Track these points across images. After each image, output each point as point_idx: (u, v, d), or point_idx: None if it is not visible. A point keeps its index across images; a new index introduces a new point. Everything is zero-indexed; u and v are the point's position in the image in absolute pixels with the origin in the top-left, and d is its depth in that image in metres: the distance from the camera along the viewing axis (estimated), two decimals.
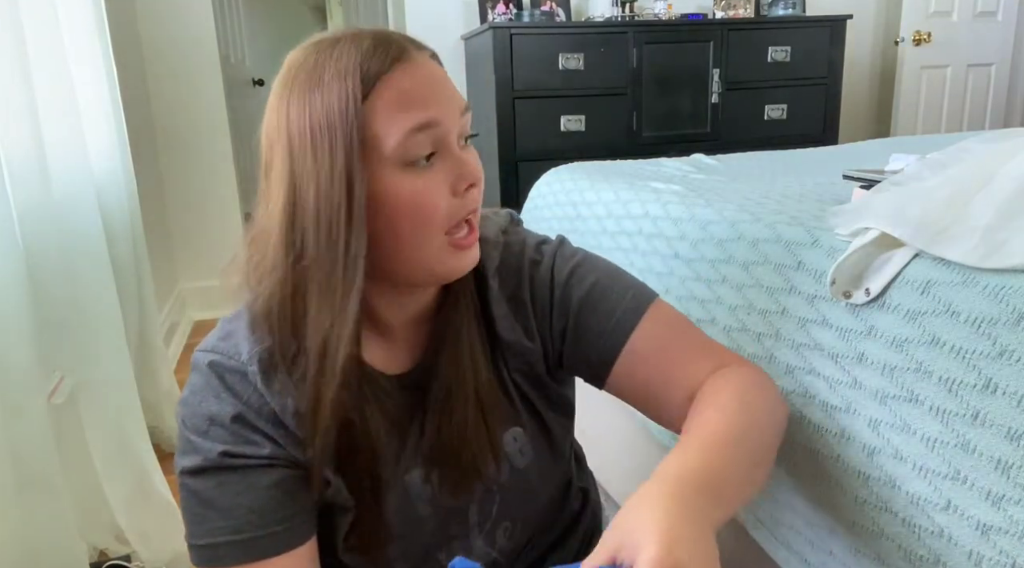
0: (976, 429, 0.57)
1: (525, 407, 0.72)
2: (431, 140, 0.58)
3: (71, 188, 1.40)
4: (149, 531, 1.38)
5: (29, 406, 1.03)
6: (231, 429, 0.61)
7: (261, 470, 0.61)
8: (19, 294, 1.02)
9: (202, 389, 0.62)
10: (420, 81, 0.58)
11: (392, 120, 0.56)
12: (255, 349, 0.62)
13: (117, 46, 2.00)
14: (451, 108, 0.59)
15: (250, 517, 0.60)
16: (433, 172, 0.59)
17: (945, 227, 0.62)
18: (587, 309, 0.70)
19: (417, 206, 0.58)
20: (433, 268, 0.62)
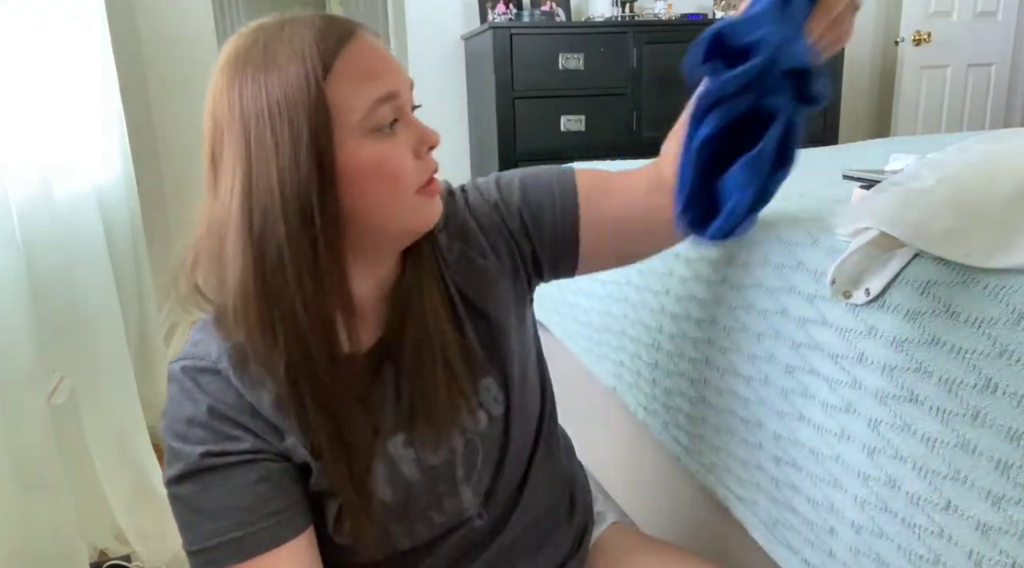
0: (976, 429, 0.57)
1: (488, 356, 0.74)
2: (392, 109, 0.60)
3: (71, 188, 1.40)
4: (149, 531, 1.38)
5: (29, 406, 1.03)
6: (209, 426, 0.61)
7: (244, 466, 0.61)
8: (19, 294, 1.02)
9: (178, 395, 0.63)
10: (376, 55, 0.60)
11: (357, 92, 0.58)
12: (224, 346, 0.62)
13: (117, 46, 2.00)
14: (404, 80, 0.63)
15: (239, 516, 0.60)
16: (396, 138, 0.61)
17: (945, 227, 0.62)
18: (529, 200, 0.75)
19: (386, 170, 0.60)
20: (408, 223, 0.64)
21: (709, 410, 0.93)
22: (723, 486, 0.92)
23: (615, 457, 1.28)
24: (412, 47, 3.10)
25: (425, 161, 0.63)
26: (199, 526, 0.61)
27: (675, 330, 0.99)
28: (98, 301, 1.43)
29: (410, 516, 0.70)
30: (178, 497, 0.62)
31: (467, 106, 3.14)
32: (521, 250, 0.76)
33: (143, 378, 1.76)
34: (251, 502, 0.61)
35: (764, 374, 0.81)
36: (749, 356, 0.84)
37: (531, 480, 0.78)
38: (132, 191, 1.89)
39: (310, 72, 0.56)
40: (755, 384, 0.83)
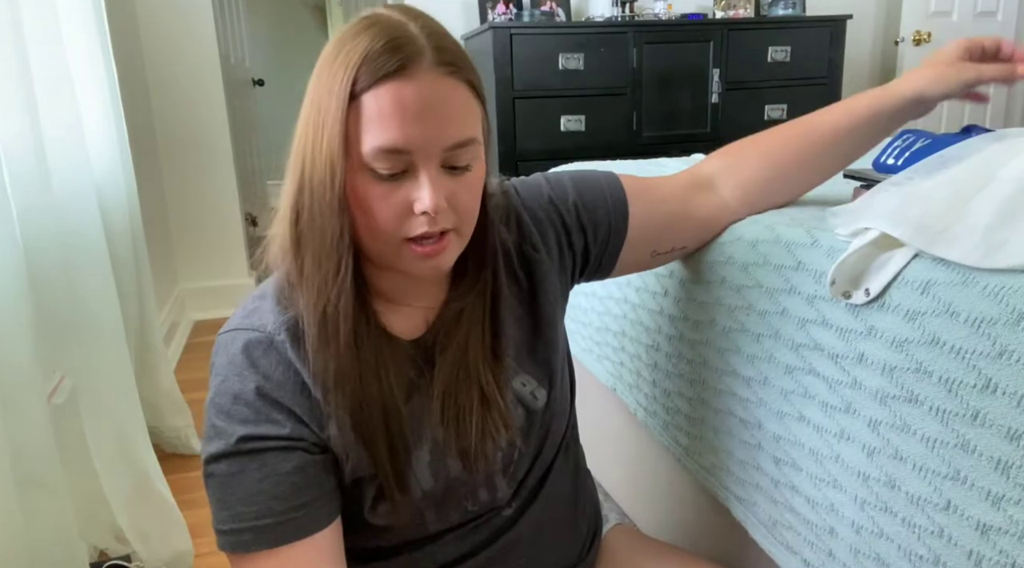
0: (976, 429, 0.57)
1: (534, 350, 0.75)
2: (400, 163, 0.59)
3: (71, 188, 1.40)
4: (149, 531, 1.38)
5: (29, 406, 1.03)
6: (254, 405, 0.62)
7: (281, 454, 0.62)
8: (19, 294, 1.02)
9: (225, 369, 0.63)
10: (407, 103, 0.57)
11: (366, 131, 0.58)
12: (281, 319, 0.64)
13: (117, 46, 2.00)
14: (434, 138, 0.59)
15: (271, 504, 0.61)
16: (394, 186, 0.59)
17: (945, 227, 0.62)
18: (584, 195, 0.78)
19: (366, 210, 0.60)
20: (396, 265, 0.63)
21: (708, 411, 0.93)
22: (723, 487, 0.92)
23: (616, 458, 1.28)
24: None
25: (416, 218, 0.60)
26: (231, 508, 0.62)
27: (674, 331, 0.99)
28: (98, 301, 1.43)
29: (447, 503, 0.71)
30: (213, 475, 0.62)
31: None
32: (573, 244, 0.78)
33: (143, 378, 1.77)
34: (284, 491, 0.62)
35: (764, 375, 0.81)
36: (749, 357, 0.84)
37: (553, 472, 0.79)
38: (132, 191, 1.89)
39: (343, 91, 0.57)
40: (755, 385, 0.83)
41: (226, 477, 0.62)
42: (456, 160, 0.61)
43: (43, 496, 1.05)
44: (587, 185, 0.79)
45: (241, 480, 0.61)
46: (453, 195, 0.61)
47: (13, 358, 1.00)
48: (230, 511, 0.62)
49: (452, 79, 0.59)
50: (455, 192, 0.61)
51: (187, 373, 2.40)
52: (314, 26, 6.50)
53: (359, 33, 0.59)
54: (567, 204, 0.77)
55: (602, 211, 0.78)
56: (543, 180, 0.79)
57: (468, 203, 0.63)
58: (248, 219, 3.45)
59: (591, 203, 0.78)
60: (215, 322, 2.90)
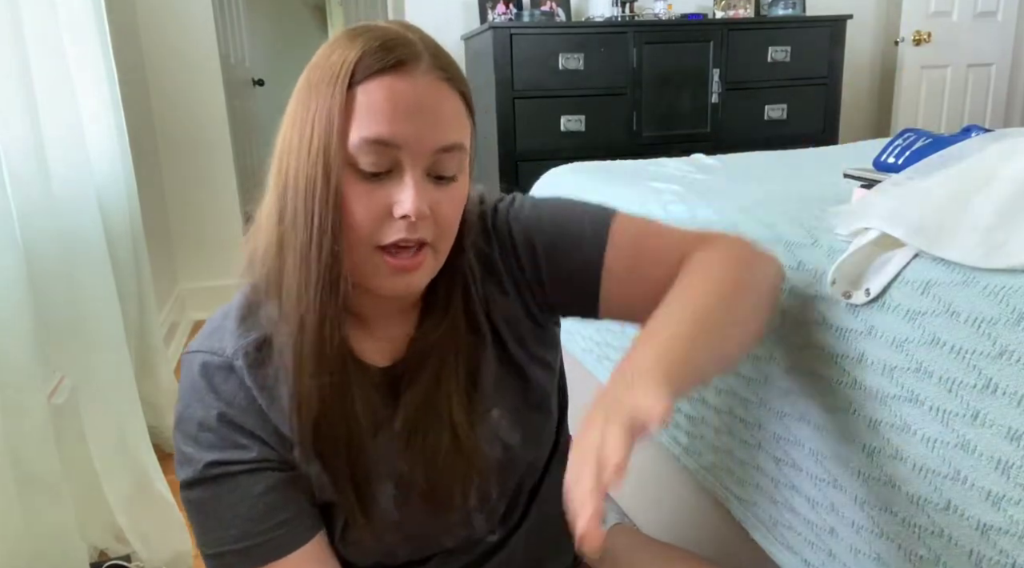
0: (976, 429, 0.57)
1: (506, 387, 0.71)
2: (386, 159, 0.57)
3: (71, 188, 1.40)
4: (149, 531, 1.38)
5: (29, 406, 1.03)
6: (219, 432, 0.61)
7: (251, 476, 0.61)
8: (19, 294, 1.02)
9: (188, 394, 0.62)
10: (399, 98, 0.56)
11: (358, 123, 0.56)
12: (241, 342, 0.62)
13: (117, 46, 2.00)
14: (423, 137, 0.57)
15: (248, 526, 0.61)
16: (376, 185, 0.57)
17: (945, 227, 0.62)
18: (553, 252, 0.70)
19: (346, 210, 0.57)
20: (367, 278, 0.60)
21: (709, 411, 0.93)
22: (723, 486, 0.91)
23: None
24: None
25: (392, 225, 0.58)
26: (211, 531, 0.62)
27: None
28: (98, 301, 1.43)
29: (419, 539, 0.70)
30: (189, 501, 0.63)
31: None
32: (532, 290, 0.72)
33: (143, 378, 1.76)
34: (260, 513, 0.61)
35: (764, 375, 0.81)
36: (749, 357, 0.84)
37: (541, 495, 0.77)
38: (132, 191, 1.89)
39: (337, 83, 0.56)
40: (755, 384, 0.83)
41: (201, 503, 0.62)
42: (443, 167, 0.59)
43: (43, 496, 1.05)
44: (565, 228, 0.70)
45: (216, 505, 0.61)
46: (436, 204, 0.59)
47: (13, 358, 1.00)
48: (211, 535, 0.62)
49: (448, 86, 0.59)
50: (438, 201, 0.59)
51: None
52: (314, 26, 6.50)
53: (355, 36, 0.58)
54: (532, 246, 0.70)
55: (567, 263, 0.70)
56: (524, 214, 0.71)
57: (449, 216, 0.61)
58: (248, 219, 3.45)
59: (560, 251, 0.70)
60: None
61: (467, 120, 0.62)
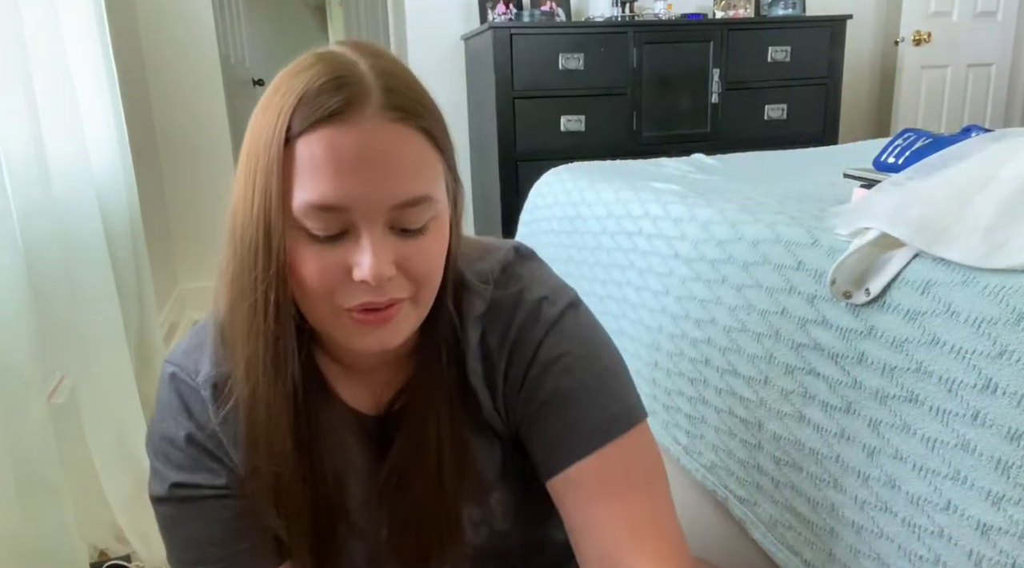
0: (976, 429, 0.57)
1: (510, 464, 0.66)
2: (336, 223, 0.50)
3: (71, 188, 1.40)
4: (149, 531, 1.38)
5: (29, 406, 1.03)
6: (187, 452, 0.59)
7: (218, 501, 0.60)
8: (19, 294, 1.02)
9: (163, 407, 0.61)
10: (342, 153, 0.48)
11: (298, 183, 0.49)
12: (212, 372, 0.59)
13: (117, 46, 2.00)
14: (375, 195, 0.49)
15: (211, 550, 0.60)
16: (331, 248, 0.51)
17: (945, 227, 0.62)
18: (554, 407, 0.60)
19: (300, 273, 0.51)
20: (336, 337, 0.55)
21: (709, 410, 0.93)
22: (723, 486, 0.91)
23: None
24: (412, 47, 3.10)
25: (355, 287, 0.51)
26: (177, 548, 0.62)
27: (675, 330, 0.99)
28: (98, 301, 1.43)
29: None
30: (158, 514, 0.62)
31: (467, 106, 3.13)
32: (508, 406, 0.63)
33: (143, 378, 1.76)
34: (224, 538, 0.60)
35: (764, 374, 0.81)
36: (749, 356, 0.84)
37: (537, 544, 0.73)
38: (132, 190, 1.89)
39: (279, 133, 0.49)
40: (755, 384, 0.83)
41: (167, 520, 0.61)
42: (406, 221, 0.51)
43: (43, 496, 1.05)
44: (571, 402, 0.60)
45: (181, 525, 0.60)
46: (404, 260, 0.52)
47: (13, 358, 1.00)
48: (176, 551, 0.61)
49: (403, 126, 0.50)
50: (407, 256, 0.52)
51: None
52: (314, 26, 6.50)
53: (300, 71, 0.50)
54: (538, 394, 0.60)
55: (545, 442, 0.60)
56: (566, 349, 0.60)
57: (423, 269, 0.53)
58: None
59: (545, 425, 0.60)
60: None
61: (435, 162, 0.53)
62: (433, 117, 0.53)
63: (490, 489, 0.64)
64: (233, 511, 0.60)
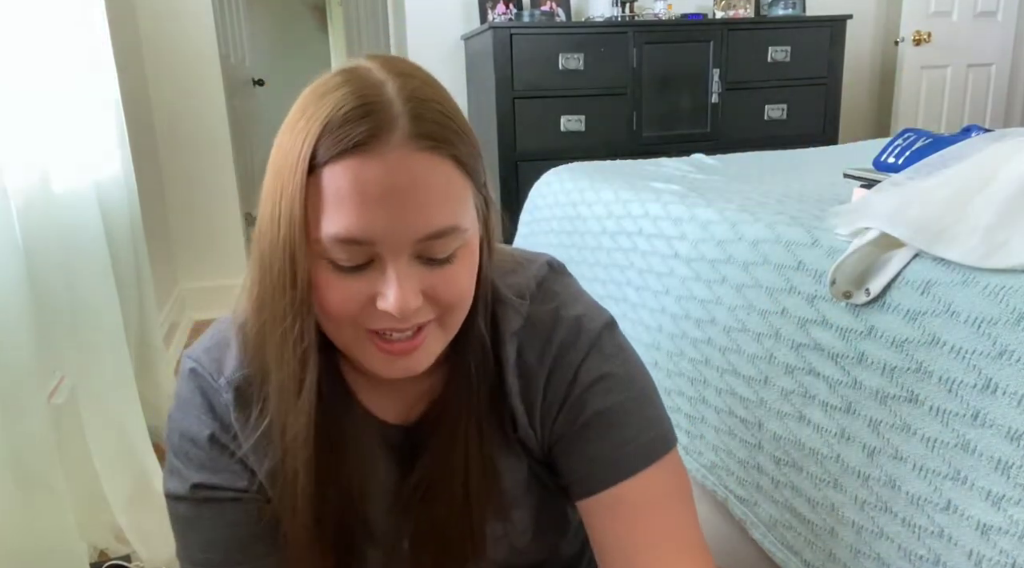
0: (976, 429, 0.57)
1: (533, 481, 0.65)
2: (361, 255, 0.49)
3: (71, 187, 1.40)
4: (149, 531, 1.38)
5: (29, 406, 1.03)
6: (209, 453, 0.58)
7: (237, 505, 0.59)
8: (19, 294, 1.02)
9: (185, 405, 0.60)
10: (367, 186, 0.47)
11: (324, 214, 0.48)
12: (235, 375, 0.58)
13: (117, 46, 2.00)
14: (401, 229, 0.48)
15: (228, 554, 0.59)
16: (356, 278, 0.50)
17: (945, 227, 0.62)
18: (595, 428, 0.60)
19: (324, 300, 0.51)
20: (360, 362, 0.54)
21: (709, 410, 0.93)
22: (723, 486, 0.91)
23: None
24: (412, 47, 3.10)
25: (380, 312, 0.50)
26: (189, 547, 0.61)
27: (675, 330, 0.99)
28: (98, 301, 1.43)
29: None
30: (172, 511, 0.61)
31: (467, 106, 3.13)
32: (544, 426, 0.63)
33: (143, 378, 1.76)
34: (240, 542, 0.59)
35: (764, 374, 0.81)
36: (749, 356, 0.84)
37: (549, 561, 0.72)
38: (132, 190, 1.89)
39: (303, 160, 0.48)
40: (755, 384, 0.83)
41: (184, 519, 0.60)
42: (432, 252, 0.50)
43: (43, 496, 1.05)
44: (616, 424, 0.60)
45: (199, 526, 0.59)
46: (431, 288, 0.51)
47: (13, 358, 1.00)
48: (188, 552, 0.61)
49: (430, 155, 0.49)
50: (433, 285, 0.51)
51: None
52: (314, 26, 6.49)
53: (328, 92, 0.49)
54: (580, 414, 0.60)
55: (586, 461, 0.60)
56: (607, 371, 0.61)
57: (451, 297, 0.52)
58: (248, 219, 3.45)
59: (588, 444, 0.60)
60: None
61: (465, 189, 0.52)
62: (463, 141, 0.52)
63: (513, 505, 0.64)
64: (250, 515, 0.59)
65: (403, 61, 0.54)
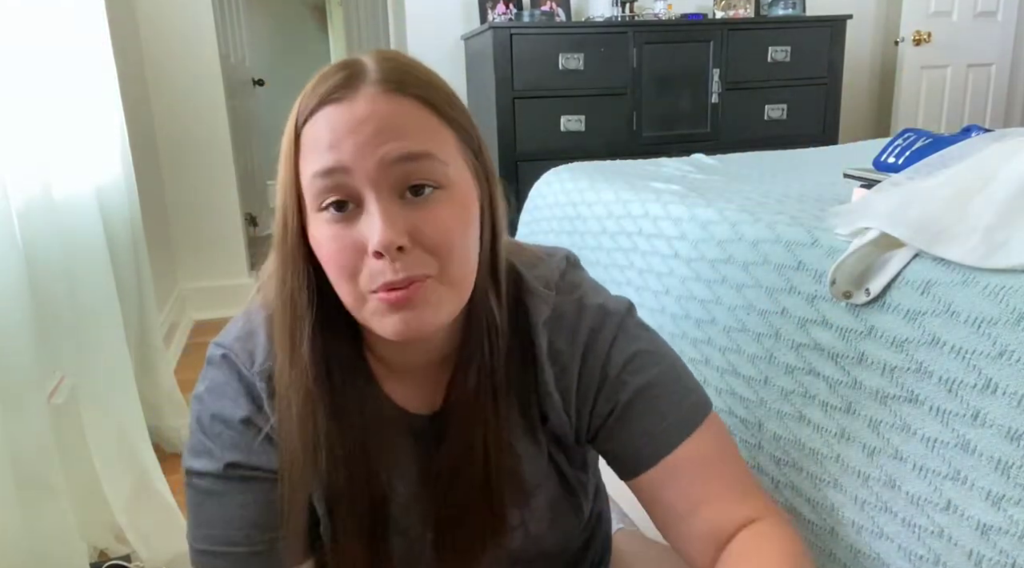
0: (976, 429, 0.57)
1: (552, 469, 0.67)
2: (341, 189, 0.52)
3: (71, 188, 1.40)
4: (149, 531, 1.38)
5: (29, 406, 1.03)
6: (244, 434, 0.59)
7: (268, 484, 0.60)
8: (19, 294, 1.02)
9: (217, 387, 0.61)
10: (337, 122, 0.51)
11: (305, 161, 0.53)
12: (266, 364, 0.60)
13: (117, 46, 2.00)
14: (368, 150, 0.51)
15: (249, 531, 0.59)
16: (346, 227, 0.52)
17: (945, 227, 0.62)
18: (638, 405, 0.62)
19: (324, 256, 0.54)
20: (370, 325, 0.55)
21: None
22: None
23: None
24: (412, 47, 3.10)
25: (375, 265, 0.51)
26: (209, 527, 0.60)
27: (675, 330, 0.99)
28: (98, 301, 1.43)
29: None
30: (196, 489, 0.60)
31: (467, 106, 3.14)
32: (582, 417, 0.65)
33: (143, 378, 1.76)
34: (265, 520, 0.59)
35: (764, 374, 0.81)
36: (749, 356, 0.84)
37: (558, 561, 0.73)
38: (132, 191, 1.89)
39: (291, 124, 0.55)
40: (755, 384, 0.83)
41: (208, 495, 0.60)
42: (408, 178, 0.52)
43: (43, 496, 1.05)
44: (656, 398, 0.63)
45: (223, 502, 0.59)
46: (415, 229, 0.52)
47: (13, 358, 1.00)
48: (206, 530, 0.60)
49: (398, 95, 0.52)
50: (416, 225, 0.52)
51: (187, 373, 2.39)
52: (314, 26, 6.50)
53: (321, 71, 0.55)
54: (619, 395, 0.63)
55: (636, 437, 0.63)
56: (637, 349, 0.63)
57: (438, 237, 0.52)
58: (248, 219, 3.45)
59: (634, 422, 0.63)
60: (215, 322, 2.90)
61: (439, 127, 0.54)
62: (437, 91, 0.55)
63: (532, 492, 0.65)
64: (278, 494, 0.60)
65: (396, 52, 0.58)
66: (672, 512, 0.63)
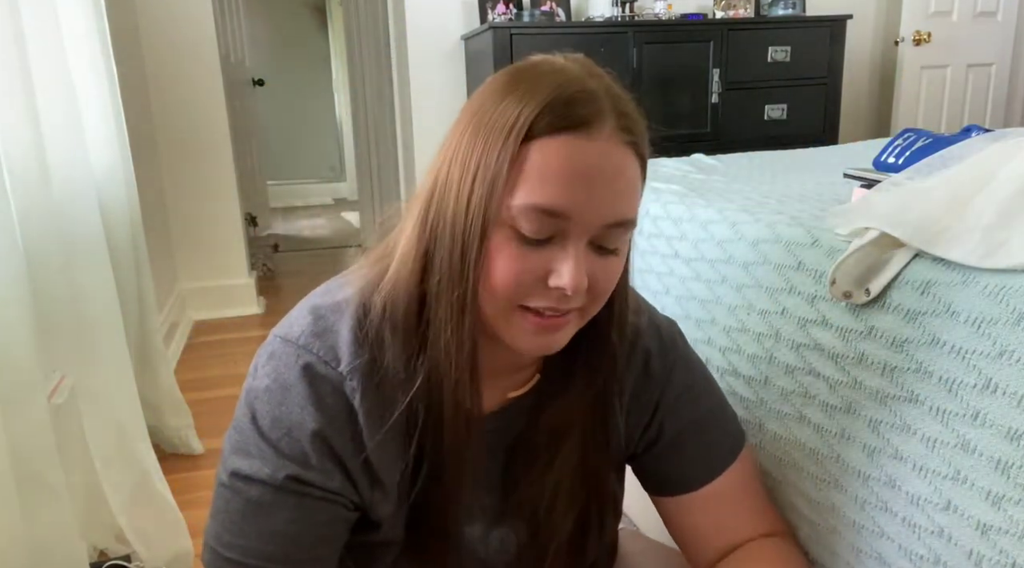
0: (976, 429, 0.57)
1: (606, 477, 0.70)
2: (549, 228, 0.52)
3: (71, 188, 1.40)
4: (149, 531, 1.38)
5: (29, 406, 1.03)
6: (308, 448, 0.56)
7: (322, 504, 0.57)
8: (19, 294, 1.02)
9: (286, 390, 0.56)
10: (578, 164, 0.51)
11: (527, 184, 0.51)
12: (356, 361, 0.56)
13: (117, 46, 2.00)
14: (597, 210, 0.52)
15: (290, 549, 0.57)
16: (534, 252, 0.52)
17: (945, 227, 0.62)
18: (691, 434, 0.68)
19: (494, 269, 0.53)
20: (503, 332, 0.56)
21: None
22: None
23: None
24: (412, 47, 3.10)
25: (546, 290, 0.53)
26: (244, 536, 0.56)
27: None
28: (98, 301, 1.42)
29: None
30: (237, 492, 0.56)
31: None
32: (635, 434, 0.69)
33: (143, 378, 1.76)
34: (308, 540, 0.57)
35: (764, 374, 0.81)
36: (749, 356, 0.84)
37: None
38: (132, 190, 1.89)
39: (519, 129, 0.51)
40: (755, 385, 0.83)
41: (254, 504, 0.56)
42: (608, 240, 0.54)
43: (43, 496, 1.05)
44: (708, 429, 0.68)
45: (270, 513, 0.56)
46: (593, 276, 0.54)
47: (13, 358, 1.00)
48: (240, 539, 0.56)
49: (628, 150, 0.54)
50: (594, 273, 0.54)
51: (187, 373, 2.39)
52: (314, 26, 6.50)
53: (539, 77, 0.53)
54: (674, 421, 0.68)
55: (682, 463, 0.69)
56: (693, 380, 0.69)
57: (605, 288, 0.56)
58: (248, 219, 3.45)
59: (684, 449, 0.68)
60: (215, 322, 2.90)
61: (641, 187, 0.57)
62: (646, 144, 0.57)
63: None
64: (329, 515, 0.58)
65: (588, 62, 0.59)
66: (694, 532, 0.69)
